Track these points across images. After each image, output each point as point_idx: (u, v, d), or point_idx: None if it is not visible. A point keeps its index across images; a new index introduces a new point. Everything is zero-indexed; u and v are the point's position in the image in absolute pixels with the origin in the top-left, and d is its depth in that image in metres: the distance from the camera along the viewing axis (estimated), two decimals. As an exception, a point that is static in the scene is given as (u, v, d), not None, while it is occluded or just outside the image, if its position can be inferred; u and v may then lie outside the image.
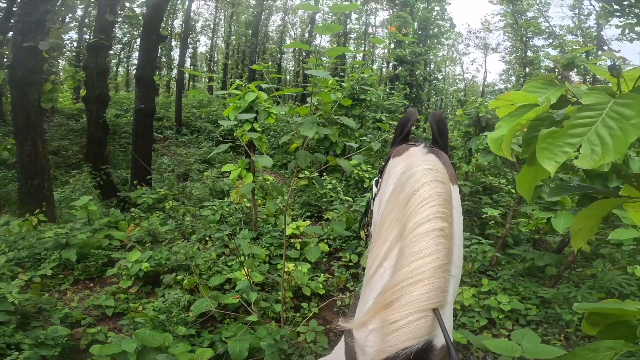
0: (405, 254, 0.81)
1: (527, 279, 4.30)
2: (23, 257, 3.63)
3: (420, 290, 0.74)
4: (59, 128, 12.43)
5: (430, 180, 0.89)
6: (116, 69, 25.12)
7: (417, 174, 0.92)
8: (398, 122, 1.35)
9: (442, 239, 0.80)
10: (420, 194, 0.87)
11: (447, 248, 0.80)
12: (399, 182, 0.99)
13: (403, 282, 0.77)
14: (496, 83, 25.80)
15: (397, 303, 0.76)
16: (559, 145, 0.90)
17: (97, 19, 7.64)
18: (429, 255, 0.77)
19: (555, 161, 0.90)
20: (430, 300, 0.74)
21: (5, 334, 2.39)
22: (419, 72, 15.14)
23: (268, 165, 2.37)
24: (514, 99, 1.09)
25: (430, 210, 0.83)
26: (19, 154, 5.16)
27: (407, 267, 0.78)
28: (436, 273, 0.76)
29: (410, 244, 0.81)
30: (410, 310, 0.73)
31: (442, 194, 0.87)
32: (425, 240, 0.80)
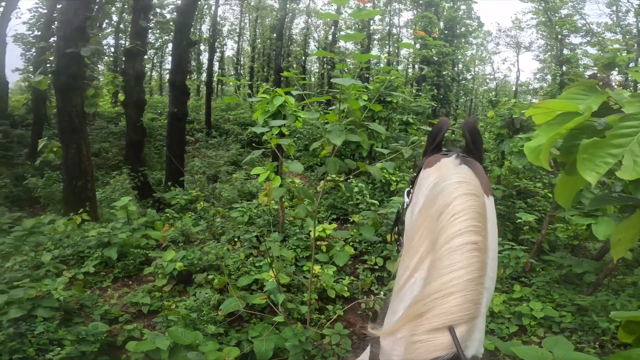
0: (437, 267, 0.81)
1: (563, 286, 4.16)
2: (67, 255, 3.86)
3: (452, 303, 0.74)
4: (100, 131, 13.17)
5: (462, 194, 0.89)
6: (150, 73, 26.20)
7: (449, 187, 0.92)
8: (430, 131, 1.33)
9: (475, 252, 0.79)
10: (452, 208, 0.86)
11: (480, 261, 0.79)
12: (431, 194, 0.99)
13: (434, 294, 0.77)
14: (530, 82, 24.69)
15: (428, 314, 0.76)
16: (601, 156, 0.88)
17: (133, 25, 8.03)
18: (462, 268, 0.77)
19: (596, 172, 0.88)
20: (462, 312, 0.73)
21: (49, 329, 2.54)
22: (446, 73, 14.83)
23: (299, 171, 2.41)
24: (553, 107, 1.07)
25: (463, 224, 0.83)
26: (64, 156, 5.48)
27: (439, 279, 0.78)
28: (469, 286, 0.76)
29: (442, 257, 0.81)
30: (441, 321, 0.73)
31: (475, 207, 0.87)
32: (458, 253, 0.80)
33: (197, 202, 6.22)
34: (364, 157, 8.56)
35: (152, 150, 11.95)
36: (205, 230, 4.95)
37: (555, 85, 16.58)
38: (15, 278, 3.06)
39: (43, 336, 2.47)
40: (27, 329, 2.49)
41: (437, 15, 14.93)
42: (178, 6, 8.19)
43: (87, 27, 5.67)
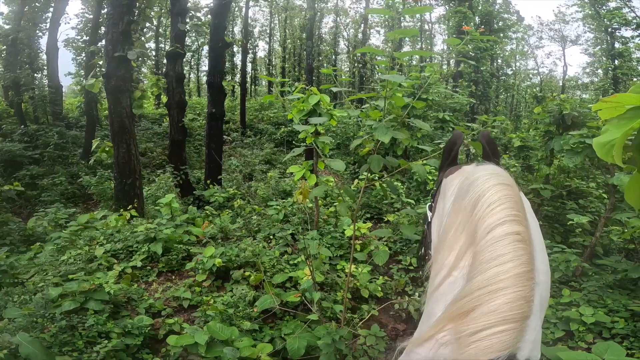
0: (480, 260, 0.75)
1: (617, 292, 3.91)
2: (118, 249, 4.09)
3: (502, 300, 0.68)
4: (145, 132, 13.93)
5: (496, 184, 0.83)
6: (188, 75, 27.31)
7: (480, 178, 0.87)
8: (445, 146, 1.30)
9: (520, 244, 0.73)
10: (487, 198, 0.81)
11: (527, 253, 0.73)
12: (461, 190, 0.94)
13: (480, 289, 0.71)
14: (579, 77, 23.04)
15: (476, 312, 0.70)
16: None
17: (172, 28, 8.36)
18: (509, 261, 0.71)
19: None
20: (514, 310, 0.67)
21: (99, 322, 2.66)
22: (484, 68, 14.18)
23: (341, 170, 2.40)
24: (625, 101, 0.97)
25: (503, 213, 0.77)
26: (115, 155, 5.83)
27: (484, 274, 0.72)
28: (519, 281, 0.70)
29: (485, 249, 0.75)
30: (491, 321, 0.67)
31: (512, 196, 0.81)
32: (502, 244, 0.74)
33: (234, 199, 6.40)
34: (399, 156, 8.39)
35: (192, 149, 12.46)
36: (242, 228, 5.07)
37: (608, 80, 15.32)
38: (70, 271, 3.28)
39: (93, 329, 2.59)
40: (78, 321, 2.63)
41: (472, 10, 14.29)
42: (211, 8, 8.44)
43: (131, 31, 5.94)
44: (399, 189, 6.57)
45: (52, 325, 2.51)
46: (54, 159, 10.50)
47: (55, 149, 10.79)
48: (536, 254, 0.79)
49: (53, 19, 13.62)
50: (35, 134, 11.29)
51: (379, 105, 2.12)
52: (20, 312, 2.52)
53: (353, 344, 3.00)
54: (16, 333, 2.23)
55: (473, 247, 0.80)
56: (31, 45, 14.27)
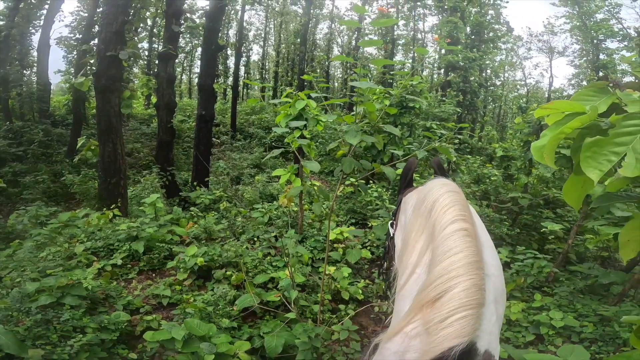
0: (438, 253, 0.86)
1: (588, 297, 4.06)
2: (98, 247, 4.07)
3: (459, 287, 0.77)
4: (133, 132, 13.83)
5: (447, 191, 1.00)
6: (180, 76, 27.24)
7: (434, 188, 1.04)
8: (402, 171, 1.48)
9: (468, 238, 0.86)
10: (441, 202, 0.96)
11: (474, 246, 0.85)
12: (419, 199, 1.09)
13: (439, 278, 0.81)
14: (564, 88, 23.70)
15: (439, 301, 0.78)
16: (604, 154, 0.89)
17: (166, 29, 8.38)
18: (460, 252, 0.83)
19: (599, 170, 0.88)
20: (469, 297, 0.76)
21: (74, 317, 2.67)
22: (473, 78, 14.51)
23: (315, 170, 2.48)
24: (561, 108, 1.07)
25: (453, 214, 0.92)
26: (101, 154, 5.80)
27: (441, 264, 0.83)
28: (470, 270, 0.80)
29: (441, 244, 0.87)
30: (451, 308, 0.75)
31: (460, 201, 0.97)
32: (453, 239, 0.86)
33: (220, 202, 6.41)
34: (385, 163, 8.53)
35: (180, 151, 12.41)
36: (227, 229, 5.10)
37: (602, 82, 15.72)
38: (48, 267, 3.27)
39: (68, 323, 2.60)
40: (53, 316, 2.62)
41: (463, 20, 14.65)
42: (207, 11, 8.51)
43: (125, 31, 5.94)
44: (384, 195, 6.66)
45: (27, 319, 2.50)
46: (38, 157, 10.35)
47: (39, 147, 10.65)
48: (484, 249, 0.92)
49: (47, 16, 13.50)
50: (20, 130, 11.12)
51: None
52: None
53: (332, 344, 3.06)
54: (-10, 326, 2.23)
55: (432, 244, 0.92)
56: (23, 42, 14.09)
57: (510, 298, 3.89)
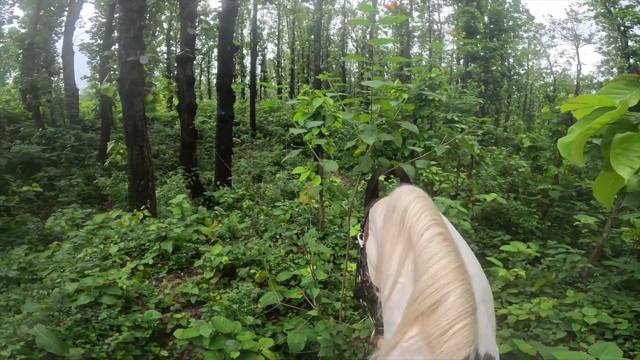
0: (420, 261, 0.86)
1: (624, 293, 3.86)
2: (131, 247, 4.26)
3: (453, 296, 0.77)
4: (157, 134, 14.25)
5: (416, 197, 1.00)
6: (199, 78, 27.75)
7: (402, 195, 1.04)
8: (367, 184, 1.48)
9: (446, 242, 0.87)
10: (411, 209, 0.97)
11: (454, 250, 0.85)
12: (388, 209, 1.09)
13: (429, 288, 0.80)
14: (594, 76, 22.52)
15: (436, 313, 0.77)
16: (635, 151, 0.85)
17: (182, 32, 8.53)
18: (443, 258, 0.83)
19: (630, 167, 0.85)
20: (464, 305, 0.76)
21: (111, 316, 2.81)
22: (495, 68, 14.04)
23: (334, 170, 2.48)
24: (589, 102, 1.03)
25: (426, 219, 0.92)
26: (130, 157, 6.02)
27: (427, 272, 0.82)
28: (458, 276, 0.80)
29: (422, 251, 0.87)
30: (450, 319, 0.75)
31: (430, 205, 0.98)
32: (433, 245, 0.86)
33: (243, 200, 6.54)
34: (407, 157, 8.42)
35: (202, 151, 12.69)
36: (250, 227, 5.19)
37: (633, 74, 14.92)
38: (86, 268, 3.44)
39: (105, 322, 2.73)
40: (92, 315, 2.76)
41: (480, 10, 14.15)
42: (219, 13, 8.58)
43: (143, 36, 6.06)
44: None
45: (68, 319, 2.65)
46: (71, 161, 10.84)
47: (72, 151, 11.14)
48: (461, 250, 0.91)
49: (68, 22, 13.99)
50: (52, 136, 11.67)
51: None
52: (38, 306, 2.67)
53: (354, 340, 3.07)
54: (33, 326, 2.38)
55: (412, 253, 0.92)
56: (47, 49, 14.66)
57: (541, 294, 3.77)
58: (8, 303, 2.91)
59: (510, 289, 3.88)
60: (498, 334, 3.13)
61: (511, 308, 3.46)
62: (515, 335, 3.19)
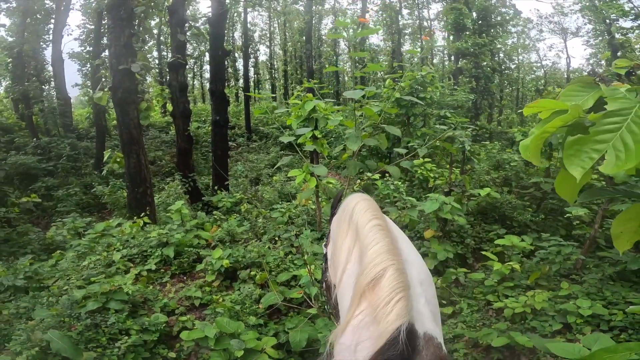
0: (362, 246, 1.07)
1: (619, 284, 3.89)
2: (134, 254, 4.35)
3: (389, 272, 0.93)
4: (153, 140, 14.29)
5: (361, 199, 1.24)
6: (192, 82, 27.71)
7: (349, 200, 1.29)
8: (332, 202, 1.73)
9: (384, 231, 1.07)
10: (357, 208, 1.20)
11: (388, 236, 1.05)
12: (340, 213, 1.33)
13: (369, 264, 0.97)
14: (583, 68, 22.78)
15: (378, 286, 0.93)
16: (586, 152, 0.94)
17: (172, 39, 8.54)
18: (379, 242, 1.02)
19: (582, 167, 0.94)
20: (397, 280, 0.91)
21: (119, 320, 2.91)
22: (485, 63, 14.21)
23: (323, 174, 2.59)
24: (547, 106, 1.14)
25: (369, 214, 1.15)
26: (127, 165, 6.07)
27: (367, 254, 1.02)
28: (390, 256, 0.97)
29: (365, 238, 1.08)
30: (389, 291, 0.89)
31: (372, 204, 1.21)
32: (373, 232, 1.07)
33: (241, 204, 6.64)
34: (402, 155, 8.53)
35: (199, 156, 12.75)
36: (249, 231, 5.29)
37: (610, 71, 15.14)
38: (91, 275, 3.54)
39: (114, 326, 2.83)
40: (101, 320, 2.87)
41: (468, 6, 14.33)
42: (209, 18, 8.61)
43: (133, 43, 6.08)
44: (401, 187, 6.70)
45: (78, 324, 2.74)
46: (68, 170, 10.88)
47: (68, 161, 11.18)
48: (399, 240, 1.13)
49: (55, 30, 13.93)
50: (47, 146, 11.69)
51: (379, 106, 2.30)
52: (48, 313, 2.77)
53: None
54: (47, 332, 2.48)
55: (358, 242, 1.12)
56: (36, 57, 14.58)
57: (536, 287, 3.81)
58: (18, 311, 3.01)
59: (506, 282, 3.92)
60: (495, 327, 3.19)
61: (507, 301, 3.50)
62: (512, 328, 3.23)
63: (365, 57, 16.33)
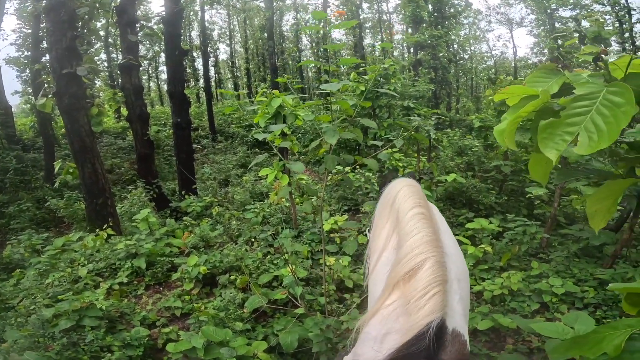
0: (402, 234, 1.03)
1: (584, 260, 3.99)
2: (101, 268, 4.12)
3: (428, 264, 0.89)
4: (109, 147, 13.50)
5: (406, 185, 1.21)
6: (148, 84, 26.51)
7: (393, 185, 1.25)
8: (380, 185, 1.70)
9: (426, 220, 1.04)
10: (401, 194, 1.17)
11: (431, 226, 1.02)
12: (383, 197, 1.30)
13: (407, 255, 0.94)
14: (528, 57, 24.31)
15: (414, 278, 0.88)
16: (559, 135, 1.00)
17: (122, 40, 8.07)
18: (420, 232, 0.99)
19: (556, 149, 1.00)
20: (435, 274, 0.87)
21: (98, 337, 2.75)
22: (442, 55, 14.76)
23: (300, 171, 2.58)
24: (516, 92, 1.19)
25: (412, 201, 1.12)
26: (81, 176, 5.68)
27: (406, 243, 0.98)
28: (432, 248, 0.94)
29: (405, 226, 1.04)
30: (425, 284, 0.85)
31: (417, 191, 1.17)
32: (414, 221, 1.04)
33: (211, 207, 6.46)
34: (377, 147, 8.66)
35: (162, 161, 12.24)
36: (223, 234, 5.17)
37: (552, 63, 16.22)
38: (58, 292, 3.32)
39: (94, 344, 2.68)
40: (78, 338, 2.70)
41: (425, 0, 14.84)
42: (163, 18, 8.23)
43: (77, 46, 5.68)
44: (372, 178, 6.82)
45: (55, 344, 2.58)
46: (17, 185, 10.07)
47: (15, 174, 10.32)
48: (441, 232, 1.06)
49: (-13, 35, 12.74)
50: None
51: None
52: (20, 334, 2.59)
53: (345, 332, 3.18)
54: (22, 353, 2.31)
55: (398, 230, 1.08)
56: (-32, 65, 13.28)
57: (509, 268, 3.91)
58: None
59: (480, 265, 4.00)
60: (478, 311, 3.25)
61: (485, 284, 3.58)
62: (493, 311, 3.30)
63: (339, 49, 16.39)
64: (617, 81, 1.04)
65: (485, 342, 3.10)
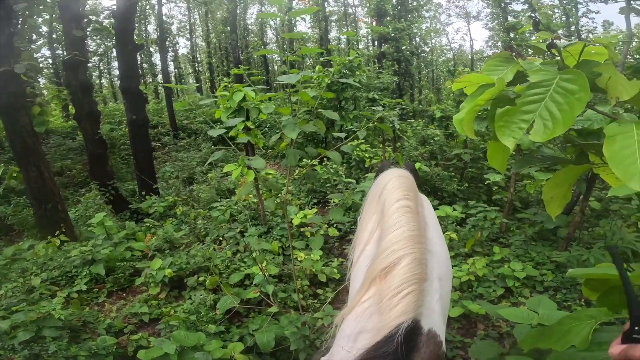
0: (384, 228, 0.97)
1: (540, 243, 4.09)
2: (56, 276, 3.85)
3: (404, 262, 0.83)
4: (57, 149, 12.56)
5: (396, 176, 1.13)
6: (99, 81, 25.00)
7: (384, 175, 1.18)
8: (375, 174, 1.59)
9: (410, 214, 0.98)
10: (389, 186, 1.10)
11: (416, 221, 0.96)
12: (372, 187, 1.23)
13: (385, 251, 0.88)
14: (484, 50, 25.48)
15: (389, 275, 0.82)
16: (515, 122, 1.01)
17: (65, 35, 7.50)
18: (402, 227, 0.93)
19: (513, 137, 1.01)
20: (412, 272, 0.81)
21: (61, 347, 2.57)
22: (405, 47, 15.06)
23: (261, 167, 2.50)
24: (473, 80, 1.21)
25: (399, 194, 1.05)
26: (26, 180, 5.25)
27: (386, 238, 0.92)
28: (410, 243, 0.88)
29: (387, 219, 0.98)
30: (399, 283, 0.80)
31: (406, 183, 1.10)
32: (397, 214, 0.97)
33: (175, 207, 6.22)
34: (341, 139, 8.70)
35: (118, 161, 11.59)
36: (189, 234, 4.99)
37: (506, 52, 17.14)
38: (12, 304, 3.07)
39: (58, 355, 2.52)
40: (40, 349, 2.53)
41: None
42: (114, 12, 7.73)
43: (14, 43, 5.30)
44: (340, 170, 6.84)
45: (16, 356, 2.42)
46: (-44, 193, 9.15)
47: (-47, 182, 9.38)
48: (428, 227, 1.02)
49: None
50: None
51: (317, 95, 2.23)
52: (-23, 347, 2.37)
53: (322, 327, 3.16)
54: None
55: (381, 223, 1.02)
56: None
57: (473, 254, 4.00)
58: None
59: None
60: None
61: (452, 271, 3.72)
62: (463, 297, 3.36)
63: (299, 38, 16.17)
64: (570, 68, 1.06)
65: (459, 329, 3.18)
